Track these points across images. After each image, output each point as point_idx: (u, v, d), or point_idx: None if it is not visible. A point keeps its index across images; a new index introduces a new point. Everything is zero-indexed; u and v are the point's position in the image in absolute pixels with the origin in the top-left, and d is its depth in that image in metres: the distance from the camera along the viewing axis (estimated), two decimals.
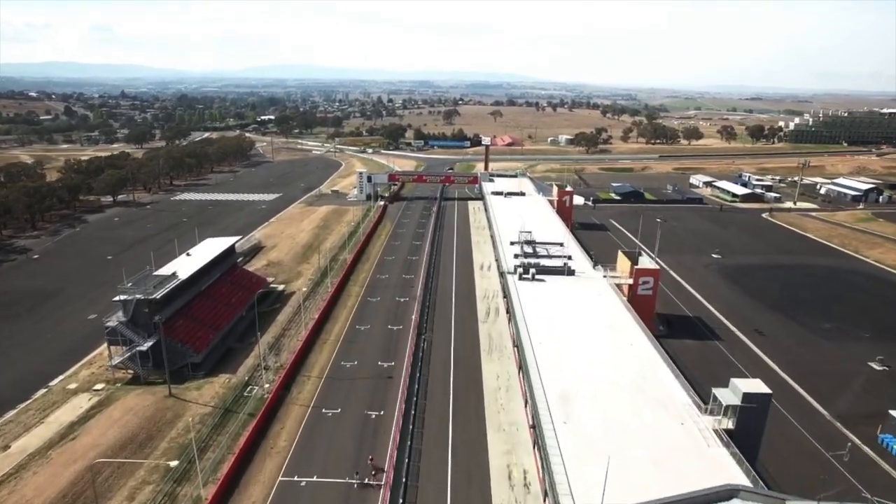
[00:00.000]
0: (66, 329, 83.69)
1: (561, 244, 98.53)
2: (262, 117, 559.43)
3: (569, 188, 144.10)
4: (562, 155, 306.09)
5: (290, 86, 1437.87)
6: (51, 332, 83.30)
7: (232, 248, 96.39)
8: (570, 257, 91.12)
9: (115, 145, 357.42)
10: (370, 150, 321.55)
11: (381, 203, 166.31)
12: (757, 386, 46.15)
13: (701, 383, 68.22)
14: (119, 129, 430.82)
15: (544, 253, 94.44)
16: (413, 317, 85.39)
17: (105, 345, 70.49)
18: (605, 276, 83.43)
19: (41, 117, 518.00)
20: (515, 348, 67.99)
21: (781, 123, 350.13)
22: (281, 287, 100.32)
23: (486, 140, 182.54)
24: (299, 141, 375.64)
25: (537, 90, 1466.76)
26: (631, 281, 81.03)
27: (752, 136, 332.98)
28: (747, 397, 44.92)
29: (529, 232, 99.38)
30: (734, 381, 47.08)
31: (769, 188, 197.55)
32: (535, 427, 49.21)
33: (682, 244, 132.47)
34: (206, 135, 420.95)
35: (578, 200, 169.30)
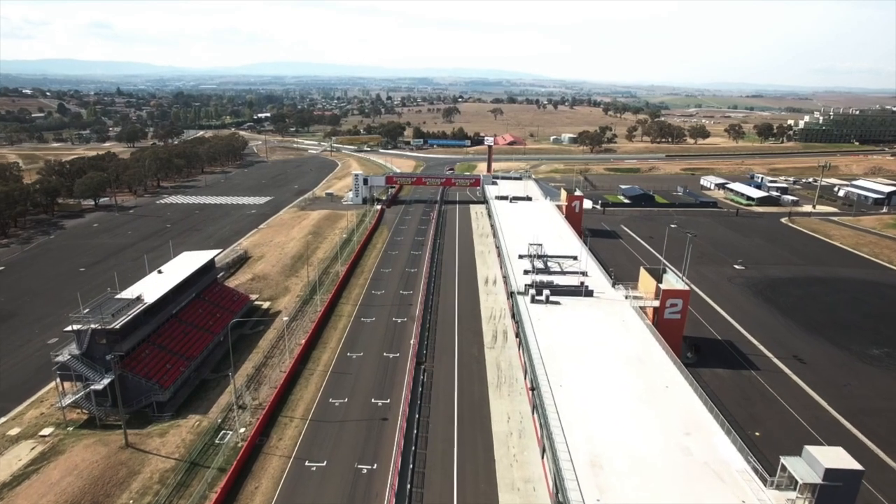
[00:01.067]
0: (18, 358, 74.22)
1: (575, 258, 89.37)
2: (259, 115, 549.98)
3: (578, 192, 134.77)
4: (565, 154, 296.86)
5: (288, 83, 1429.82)
6: None
7: (211, 263, 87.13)
8: (586, 273, 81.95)
9: (106, 144, 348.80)
10: (368, 149, 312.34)
11: (378, 207, 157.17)
12: (840, 458, 36.95)
13: (742, 426, 59.43)
14: (112, 128, 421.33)
15: (557, 269, 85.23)
16: (411, 342, 76.24)
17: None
18: (627, 298, 74.15)
19: (34, 115, 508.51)
20: (531, 390, 58.69)
21: (791, 122, 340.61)
22: (266, 305, 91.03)
23: (488, 140, 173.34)
24: (295, 139, 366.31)
25: (537, 87, 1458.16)
26: (657, 303, 71.79)
27: (761, 134, 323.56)
28: (831, 474, 35.75)
29: (540, 245, 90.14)
30: (810, 449, 37.92)
31: (785, 190, 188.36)
32: None
33: (701, 253, 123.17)
34: (201, 133, 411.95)
35: (587, 204, 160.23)
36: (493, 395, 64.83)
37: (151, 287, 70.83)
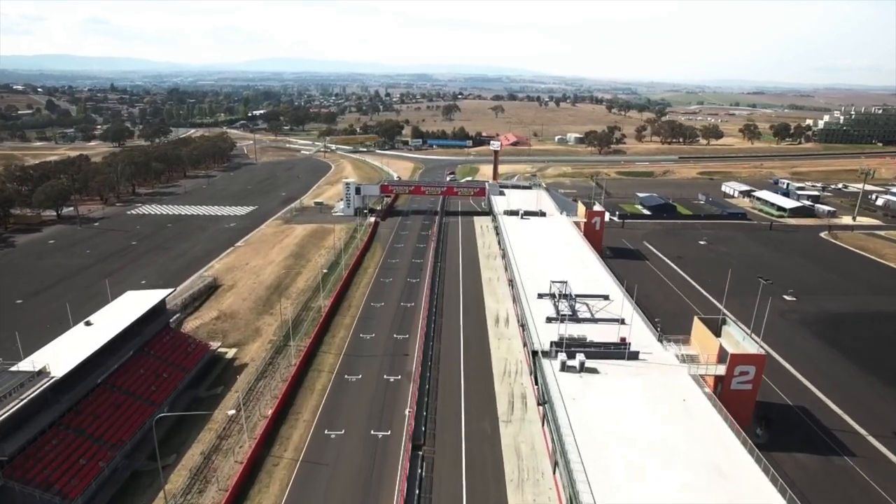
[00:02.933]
0: None
1: (606, 297, 73.37)
2: (254, 112, 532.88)
3: (598, 206, 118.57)
4: (572, 156, 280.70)
5: (287, 79, 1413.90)
6: None
7: (161, 306, 70.90)
8: (623, 321, 65.83)
9: (92, 143, 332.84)
10: (364, 149, 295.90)
11: (372, 220, 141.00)
12: None
13: None
14: (102, 125, 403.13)
15: (587, 314, 69.23)
16: (407, 412, 60.21)
17: None
18: (682, 362, 58.05)
19: (21, 112, 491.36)
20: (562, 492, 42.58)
21: (809, 122, 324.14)
22: (231, 353, 74.90)
23: (494, 144, 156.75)
24: (289, 139, 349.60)
25: (536, 84, 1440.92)
26: (722, 370, 55.70)
27: (777, 135, 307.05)
28: None
29: (565, 282, 74.06)
30: None
31: (817, 199, 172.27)
32: None
33: (740, 278, 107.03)
34: (192, 132, 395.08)
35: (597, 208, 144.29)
36: (513, 498, 48.88)
37: (69, 349, 54.68)
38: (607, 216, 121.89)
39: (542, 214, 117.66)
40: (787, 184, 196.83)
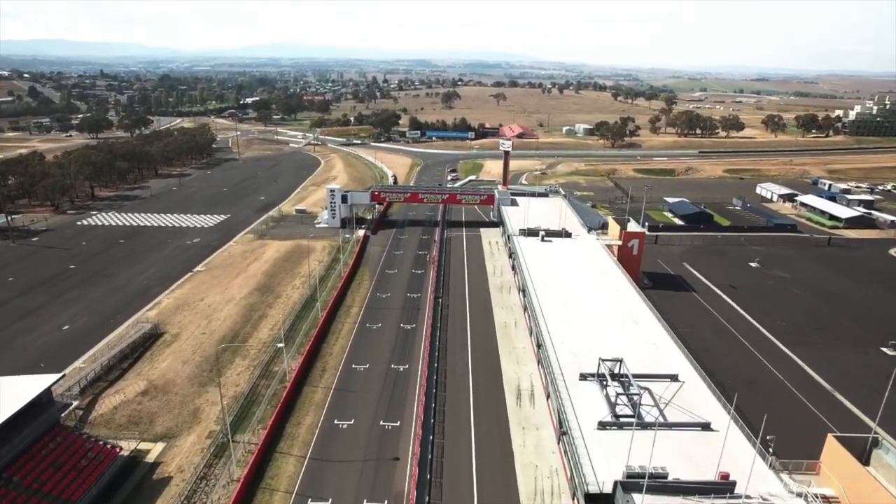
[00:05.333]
0: None
1: (674, 377, 52.54)
2: (247, 100, 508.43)
3: (635, 226, 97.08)
4: (583, 149, 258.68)
5: (284, 65, 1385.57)
6: None
7: (47, 397, 49.81)
8: (709, 426, 44.90)
9: (69, 134, 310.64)
10: (357, 142, 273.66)
11: (361, 233, 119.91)
12: None
13: None
14: (85, 114, 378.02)
15: (650, 404, 48.39)
16: None
17: None
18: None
19: (0, 99, 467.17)
20: None
21: (839, 112, 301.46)
22: (154, 454, 53.91)
23: (504, 144, 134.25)
24: (278, 130, 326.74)
25: (536, 70, 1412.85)
26: None
27: (804, 126, 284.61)
28: None
29: (619, 360, 52.89)
30: None
31: (871, 204, 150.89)
32: None
33: (814, 316, 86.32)
34: (178, 121, 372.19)
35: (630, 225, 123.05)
36: None
37: None
38: (635, 225, 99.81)
39: (567, 235, 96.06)
40: (830, 185, 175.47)
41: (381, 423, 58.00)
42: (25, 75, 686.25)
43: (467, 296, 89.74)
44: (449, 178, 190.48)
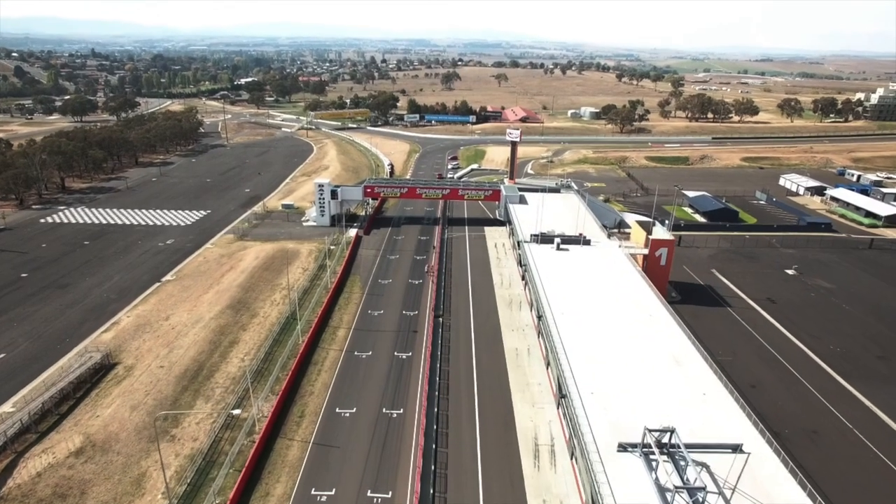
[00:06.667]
0: None
1: (738, 449, 41.27)
2: (242, 80, 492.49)
3: (662, 231, 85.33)
4: (591, 135, 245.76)
5: (282, 44, 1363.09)
6: None
7: None
8: None
9: (52, 117, 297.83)
10: (353, 126, 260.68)
11: (352, 233, 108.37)
12: None
13: None
14: (72, 95, 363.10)
15: (712, 490, 37.05)
16: None
17: None
18: None
19: None
20: None
21: (860, 95, 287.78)
22: None
23: (512, 134, 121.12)
24: (271, 113, 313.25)
25: (537, 50, 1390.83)
26: None
27: (821, 111, 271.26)
28: None
29: (671, 430, 41.32)
30: None
31: None
32: None
33: (872, 340, 74.92)
34: (167, 103, 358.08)
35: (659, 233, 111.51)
36: None
37: None
38: (664, 232, 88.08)
39: (587, 242, 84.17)
40: (859, 176, 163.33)
41: (369, 493, 46.86)
42: (14, 54, 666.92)
43: (472, 314, 78.26)
44: (449, 166, 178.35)
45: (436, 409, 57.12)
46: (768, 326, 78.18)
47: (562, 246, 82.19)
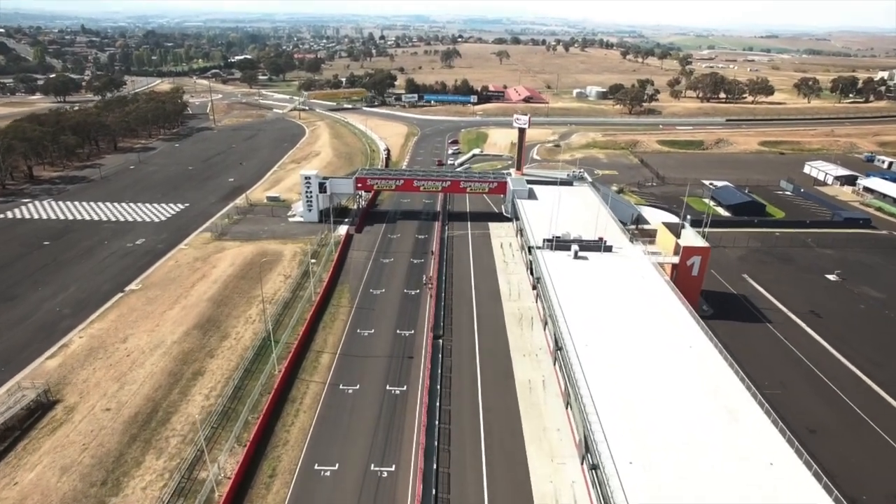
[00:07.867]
0: None
1: None
2: (236, 58, 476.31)
3: (693, 236, 74.67)
4: (598, 116, 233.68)
5: (279, 20, 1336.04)
6: None
7: None
8: None
9: (34, 97, 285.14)
10: (349, 106, 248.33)
11: (343, 231, 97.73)
12: None
13: None
14: (55, 74, 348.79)
15: None
16: None
17: None
18: None
19: None
20: None
21: (884, 74, 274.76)
22: None
23: (520, 120, 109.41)
24: (264, 92, 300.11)
25: (538, 25, 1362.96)
26: None
27: (840, 91, 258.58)
28: None
29: None
30: None
31: None
32: None
33: None
34: (156, 82, 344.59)
35: (661, 215, 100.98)
36: None
37: None
38: (695, 237, 77.66)
39: (608, 249, 73.43)
40: (891, 163, 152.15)
41: None
42: (1, 30, 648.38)
43: (476, 334, 67.91)
44: (450, 151, 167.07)
45: (434, 467, 47.05)
46: (816, 347, 67.98)
47: (579, 255, 71.47)
